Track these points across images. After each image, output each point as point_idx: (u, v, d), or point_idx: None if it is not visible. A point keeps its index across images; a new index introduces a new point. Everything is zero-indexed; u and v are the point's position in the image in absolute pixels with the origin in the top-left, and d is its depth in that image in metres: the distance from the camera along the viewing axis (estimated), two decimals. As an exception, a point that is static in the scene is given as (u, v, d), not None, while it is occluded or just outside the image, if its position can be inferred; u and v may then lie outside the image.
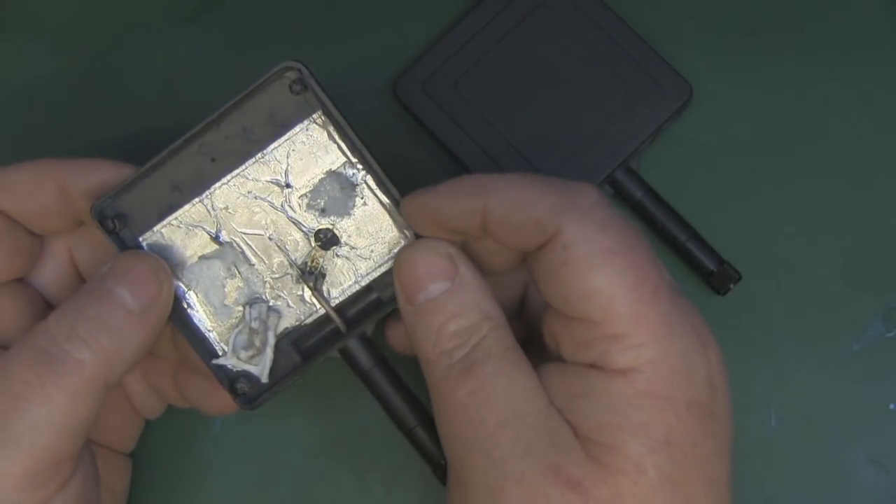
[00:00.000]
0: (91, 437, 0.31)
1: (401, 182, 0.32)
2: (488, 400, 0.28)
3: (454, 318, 0.29)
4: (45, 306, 0.33)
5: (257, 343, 0.32)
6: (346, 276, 0.32)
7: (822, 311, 0.37)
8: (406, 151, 0.38)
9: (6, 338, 0.31)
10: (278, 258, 0.32)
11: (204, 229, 0.32)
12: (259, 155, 0.32)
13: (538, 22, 0.37)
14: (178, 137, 0.31)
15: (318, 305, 0.32)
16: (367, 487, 0.36)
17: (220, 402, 0.32)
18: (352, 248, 0.32)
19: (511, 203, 0.28)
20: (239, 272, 0.32)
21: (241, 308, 0.32)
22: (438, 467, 0.32)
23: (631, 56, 0.37)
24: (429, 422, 0.32)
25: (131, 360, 0.29)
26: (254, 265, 0.32)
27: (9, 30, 0.40)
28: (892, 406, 0.36)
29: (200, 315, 0.32)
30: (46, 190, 0.31)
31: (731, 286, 0.36)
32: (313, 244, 0.32)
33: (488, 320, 0.29)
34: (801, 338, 0.37)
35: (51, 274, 0.33)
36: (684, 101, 0.37)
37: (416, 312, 0.30)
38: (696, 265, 0.36)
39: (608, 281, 0.27)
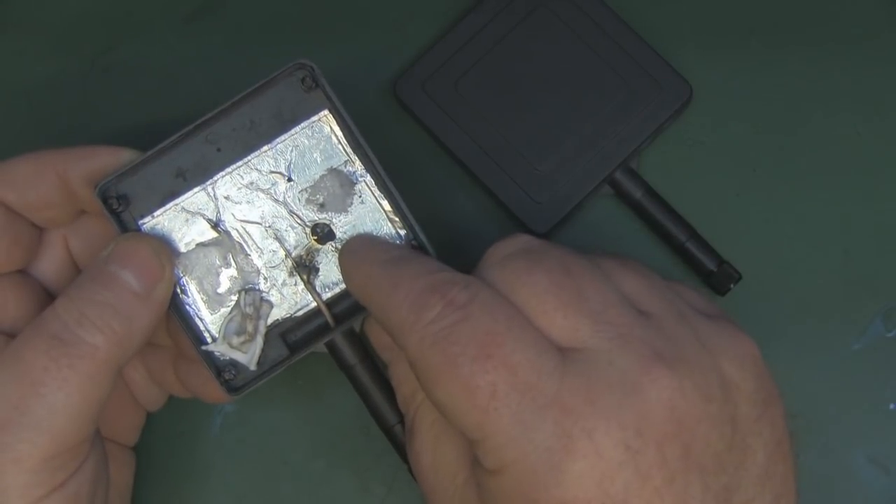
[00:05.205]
0: None
1: (400, 182, 0.32)
2: (421, 470, 0.30)
3: (398, 386, 0.31)
4: (46, 295, 0.34)
5: (250, 328, 0.32)
6: (339, 272, 0.32)
7: (822, 311, 0.37)
8: (406, 151, 0.38)
9: (11, 326, 0.32)
10: (274, 250, 0.32)
11: (204, 217, 0.32)
12: (264, 147, 0.32)
13: (538, 22, 0.37)
14: (186, 126, 0.32)
15: (310, 299, 0.32)
16: (367, 487, 0.36)
17: (219, 389, 0.32)
18: None
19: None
20: (235, 261, 0.32)
21: (233, 297, 0.32)
22: None
23: (631, 56, 0.37)
24: None
25: (140, 341, 0.30)
26: (249, 255, 0.32)
27: (9, 30, 0.40)
28: (892, 406, 0.36)
29: (193, 301, 0.32)
30: (47, 180, 0.31)
31: (732, 286, 0.36)
32: (310, 238, 0.33)
33: (420, 391, 0.30)
34: (801, 338, 0.37)
35: (49, 264, 0.34)
36: (684, 101, 0.37)
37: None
38: (696, 265, 0.36)
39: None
